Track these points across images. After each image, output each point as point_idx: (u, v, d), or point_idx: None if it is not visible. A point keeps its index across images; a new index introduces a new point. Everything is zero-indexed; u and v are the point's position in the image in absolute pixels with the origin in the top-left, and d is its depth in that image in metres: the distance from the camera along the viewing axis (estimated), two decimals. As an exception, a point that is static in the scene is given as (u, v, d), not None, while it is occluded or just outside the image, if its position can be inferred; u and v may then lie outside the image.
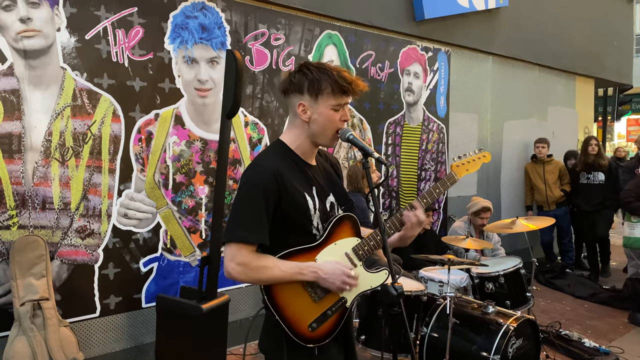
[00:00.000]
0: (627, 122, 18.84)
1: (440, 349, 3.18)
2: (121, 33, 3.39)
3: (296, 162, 1.76)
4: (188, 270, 3.78)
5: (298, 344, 1.69)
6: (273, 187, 1.64)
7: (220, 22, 3.87)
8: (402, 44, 5.29)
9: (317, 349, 1.72)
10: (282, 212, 1.67)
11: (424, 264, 4.13)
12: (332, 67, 1.73)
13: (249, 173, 1.70)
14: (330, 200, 1.82)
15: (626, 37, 9.06)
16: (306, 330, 1.69)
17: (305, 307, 1.70)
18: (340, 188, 1.90)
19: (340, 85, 1.69)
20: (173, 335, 3.25)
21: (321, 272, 1.68)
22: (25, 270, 2.94)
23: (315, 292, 1.71)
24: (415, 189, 5.55)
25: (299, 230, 1.72)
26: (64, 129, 3.18)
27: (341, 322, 1.78)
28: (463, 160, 1.97)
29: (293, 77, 1.74)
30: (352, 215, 1.83)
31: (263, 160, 1.72)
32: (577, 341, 4.13)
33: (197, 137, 3.79)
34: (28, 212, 3.07)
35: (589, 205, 6.18)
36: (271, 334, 1.75)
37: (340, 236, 1.79)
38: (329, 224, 1.76)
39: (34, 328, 2.86)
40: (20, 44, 3.01)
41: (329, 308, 1.73)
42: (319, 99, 1.70)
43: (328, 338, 1.74)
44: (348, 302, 1.78)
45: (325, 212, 1.79)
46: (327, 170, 1.89)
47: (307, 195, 1.73)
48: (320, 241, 1.75)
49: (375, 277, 1.83)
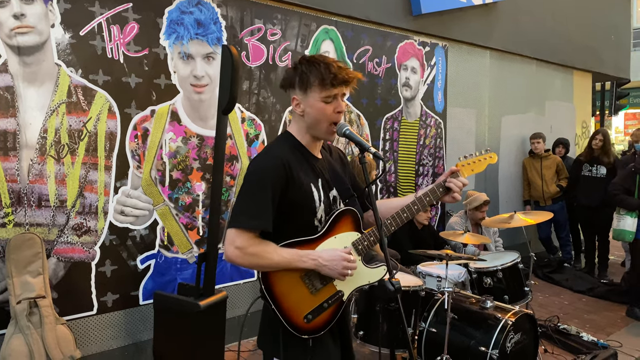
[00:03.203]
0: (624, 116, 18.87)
1: (439, 344, 3.18)
2: (116, 29, 3.37)
3: (303, 153, 1.78)
4: (185, 267, 3.77)
5: (293, 335, 1.70)
6: (281, 176, 1.66)
7: (216, 18, 3.85)
8: (400, 38, 5.27)
9: (312, 340, 1.73)
10: (287, 202, 1.68)
11: (422, 259, 4.12)
12: (322, 59, 1.73)
13: (258, 161, 1.72)
14: (333, 194, 1.83)
15: (624, 31, 9.04)
16: (302, 322, 1.70)
17: (302, 298, 1.71)
18: (344, 182, 1.91)
19: (324, 78, 1.69)
20: (171, 332, 3.24)
21: (321, 259, 1.69)
22: (22, 268, 2.92)
23: (312, 284, 1.72)
24: (413, 184, 5.54)
25: (302, 221, 1.74)
26: (59, 125, 3.16)
27: (337, 316, 1.79)
28: (469, 160, 1.94)
29: (287, 73, 1.78)
30: (353, 209, 1.84)
31: (272, 149, 1.75)
32: (575, 335, 4.14)
33: (193, 134, 3.77)
34: (24, 210, 3.06)
35: (589, 200, 6.11)
36: (268, 327, 1.77)
37: (341, 230, 1.79)
38: (331, 217, 1.77)
39: (31, 326, 2.84)
40: (14, 40, 2.98)
41: (326, 300, 1.74)
42: (308, 92, 1.72)
43: (323, 330, 1.75)
44: (345, 296, 1.78)
45: (328, 205, 1.80)
46: (332, 164, 1.90)
47: (313, 187, 1.74)
48: (321, 233, 1.75)
49: (374, 272, 1.83)
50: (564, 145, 6.87)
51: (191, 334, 3.13)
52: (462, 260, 3.67)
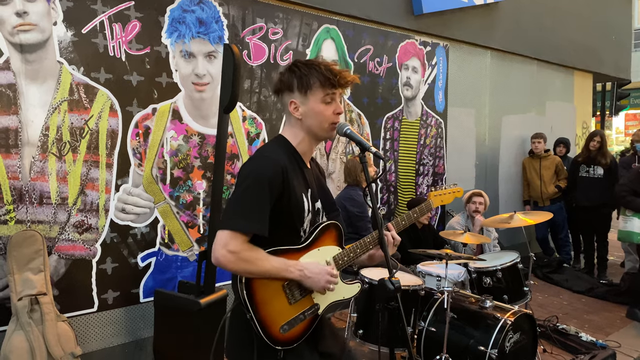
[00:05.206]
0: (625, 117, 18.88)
1: (438, 343, 3.18)
2: (118, 27, 3.38)
3: (297, 161, 1.77)
4: (186, 265, 3.78)
5: (266, 345, 1.66)
6: (278, 182, 1.64)
7: (217, 16, 3.85)
8: (401, 38, 5.27)
9: (283, 351, 1.69)
10: (279, 208, 1.66)
11: (422, 258, 4.13)
12: (320, 61, 1.73)
13: (257, 163, 1.69)
14: (318, 206, 1.83)
15: (625, 32, 9.04)
16: (277, 332, 1.67)
17: (280, 308, 1.69)
18: (329, 196, 1.91)
19: (328, 78, 1.69)
20: (171, 330, 3.25)
21: (307, 271, 1.68)
22: (23, 265, 2.93)
23: (292, 294, 1.71)
24: (413, 184, 5.55)
25: (289, 228, 1.72)
26: (61, 123, 3.17)
27: (310, 329, 1.76)
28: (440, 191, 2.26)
29: (283, 76, 1.76)
30: (337, 224, 1.84)
31: (270, 153, 1.72)
32: (574, 335, 4.14)
33: (194, 132, 3.78)
34: (25, 207, 3.07)
35: (587, 200, 6.13)
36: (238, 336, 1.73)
37: (325, 243, 1.79)
38: (316, 228, 1.77)
39: (32, 323, 2.85)
40: (16, 38, 2.99)
41: (302, 312, 1.73)
42: (308, 95, 1.71)
43: (296, 342, 1.72)
44: (321, 309, 1.78)
45: (314, 216, 1.80)
46: (317, 175, 1.91)
47: (304, 196, 1.74)
48: (305, 244, 1.75)
49: (350, 288, 1.87)
50: (565, 144, 6.88)
51: (192, 332, 3.14)
52: (462, 260, 3.68)
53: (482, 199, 4.82)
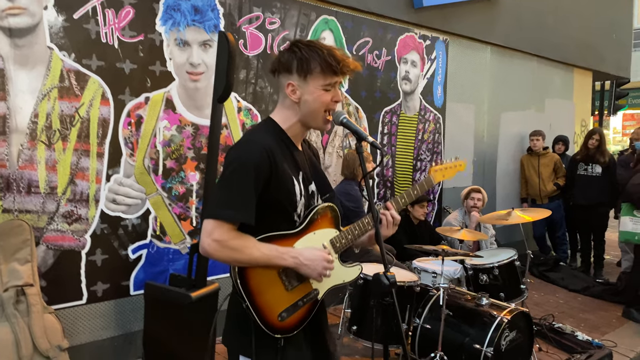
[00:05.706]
0: (622, 117, 18.88)
1: (433, 341, 3.14)
2: (111, 13, 3.29)
3: (287, 144, 1.69)
4: (178, 258, 3.71)
5: (264, 333, 1.61)
6: (265, 167, 1.57)
7: (213, 5, 3.77)
8: (400, 31, 5.20)
9: (283, 339, 1.65)
10: (268, 194, 1.59)
11: (418, 254, 4.08)
12: (322, 45, 1.65)
13: (242, 149, 1.61)
14: (311, 189, 1.76)
15: (625, 30, 9.01)
16: (275, 320, 1.62)
17: (277, 295, 1.63)
18: (323, 177, 1.84)
19: (330, 65, 1.61)
20: (161, 324, 3.19)
21: (302, 257, 1.62)
22: (9, 256, 2.86)
23: (289, 281, 1.65)
24: (410, 179, 5.49)
25: (282, 214, 1.66)
26: (50, 110, 3.09)
27: (310, 315, 1.72)
28: (441, 166, 2.07)
29: (282, 56, 1.67)
30: (333, 206, 1.77)
31: (256, 137, 1.64)
32: (570, 334, 4.11)
33: (188, 122, 3.70)
34: (13, 196, 2.99)
35: (585, 199, 6.10)
36: (236, 324, 1.69)
37: (320, 226, 1.73)
38: (310, 212, 1.70)
39: (18, 314, 2.78)
40: (5, 21, 2.90)
41: (301, 299, 1.67)
42: (308, 79, 1.63)
43: (296, 330, 1.67)
44: (320, 294, 1.72)
45: (308, 200, 1.72)
46: (310, 157, 1.83)
47: (295, 180, 1.66)
48: (300, 229, 1.68)
49: (349, 271, 1.80)
50: (564, 142, 6.84)
51: (182, 325, 3.08)
52: (458, 257, 3.64)
53: (480, 195, 4.78)
